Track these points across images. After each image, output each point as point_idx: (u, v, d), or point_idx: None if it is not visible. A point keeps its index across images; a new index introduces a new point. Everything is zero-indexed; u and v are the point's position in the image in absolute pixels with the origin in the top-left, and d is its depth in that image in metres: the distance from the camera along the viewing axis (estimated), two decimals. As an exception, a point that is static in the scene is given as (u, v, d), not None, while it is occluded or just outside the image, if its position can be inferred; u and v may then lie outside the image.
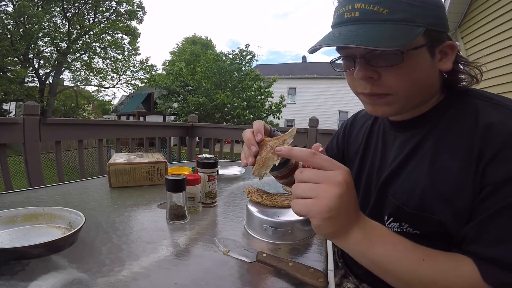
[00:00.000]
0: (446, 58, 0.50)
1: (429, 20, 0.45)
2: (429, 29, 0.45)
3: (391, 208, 0.55)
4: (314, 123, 2.36)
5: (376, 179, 0.62)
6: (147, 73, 16.97)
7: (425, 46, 0.46)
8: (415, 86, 0.48)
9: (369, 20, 0.44)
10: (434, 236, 0.49)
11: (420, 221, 0.51)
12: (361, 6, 0.44)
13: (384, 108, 0.52)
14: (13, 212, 0.58)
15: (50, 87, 15.43)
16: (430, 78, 0.50)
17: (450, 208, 0.46)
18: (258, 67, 18.76)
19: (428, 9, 0.45)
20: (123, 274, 0.44)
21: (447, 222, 0.47)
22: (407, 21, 0.43)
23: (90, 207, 0.74)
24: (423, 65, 0.47)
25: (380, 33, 0.43)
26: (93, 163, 6.83)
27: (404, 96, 0.49)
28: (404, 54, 0.44)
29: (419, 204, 0.50)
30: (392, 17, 0.43)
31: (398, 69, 0.46)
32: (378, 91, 0.49)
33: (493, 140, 0.42)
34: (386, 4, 0.43)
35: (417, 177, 0.51)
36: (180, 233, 0.61)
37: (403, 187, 0.54)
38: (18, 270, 0.43)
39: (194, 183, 0.70)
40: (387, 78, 0.47)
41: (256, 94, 10.60)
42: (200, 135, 3.03)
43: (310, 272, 0.44)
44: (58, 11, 14.36)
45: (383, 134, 0.64)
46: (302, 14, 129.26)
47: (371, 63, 0.47)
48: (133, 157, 1.00)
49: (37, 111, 1.73)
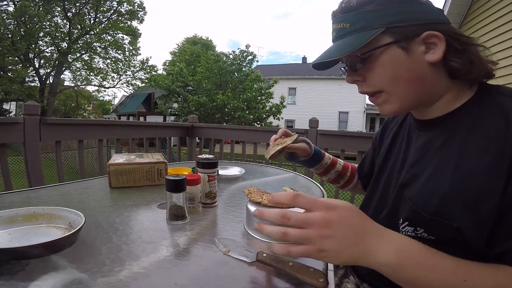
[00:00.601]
0: (434, 49, 0.49)
1: (388, 19, 0.49)
2: (391, 27, 0.49)
3: (408, 212, 0.53)
4: (314, 123, 2.36)
5: (395, 180, 0.61)
6: (147, 73, 16.99)
7: (393, 44, 0.49)
8: (398, 80, 0.51)
9: (340, 36, 0.54)
10: (449, 242, 0.46)
11: (437, 227, 0.48)
12: (335, 27, 0.55)
13: (385, 106, 0.55)
14: (13, 212, 0.58)
15: (50, 87, 15.45)
16: (413, 71, 0.50)
17: (471, 215, 0.44)
18: (258, 67, 18.76)
19: (386, 10, 0.49)
20: (123, 274, 0.44)
21: (466, 229, 0.45)
22: (365, 28, 0.50)
23: (90, 207, 0.74)
24: (396, 61, 0.50)
25: (342, 44, 0.52)
26: (93, 163, 6.84)
27: (394, 91, 0.52)
28: (371, 52, 0.50)
29: (438, 210, 0.48)
30: (353, 28, 0.51)
31: (373, 68, 0.52)
32: (368, 90, 0.55)
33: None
34: (348, 19, 0.52)
35: (438, 181, 0.49)
36: (180, 233, 0.61)
37: (421, 191, 0.52)
38: (18, 270, 0.43)
39: (194, 183, 0.70)
40: (369, 78, 0.54)
41: (256, 95, 10.59)
42: (200, 135, 3.03)
43: (310, 272, 0.44)
44: (59, 11, 14.39)
45: (408, 133, 0.64)
46: (302, 15, 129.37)
47: (353, 68, 0.54)
48: (133, 158, 1.00)
49: (37, 111, 1.73)
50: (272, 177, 1.24)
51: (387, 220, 0.58)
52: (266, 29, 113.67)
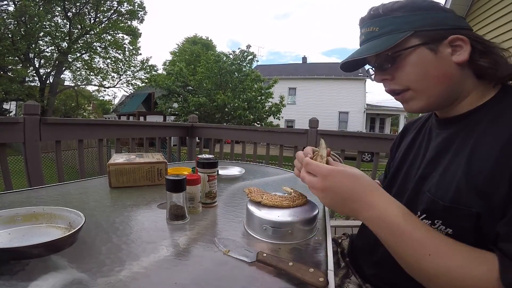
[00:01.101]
0: (460, 51, 0.53)
1: (416, 24, 0.53)
2: (419, 31, 0.53)
3: (425, 203, 0.54)
4: (314, 123, 2.36)
5: (413, 175, 0.63)
6: (147, 73, 16.98)
7: (421, 45, 0.53)
8: (426, 79, 0.54)
9: (369, 39, 0.58)
10: (468, 234, 0.47)
11: (455, 216, 0.49)
12: (364, 31, 0.59)
13: (412, 102, 0.58)
14: (13, 212, 0.58)
15: (50, 86, 15.45)
16: (440, 70, 0.53)
17: (486, 202, 0.45)
18: (259, 67, 18.75)
19: (414, 16, 0.54)
20: (123, 274, 0.44)
21: (485, 216, 0.45)
22: (393, 31, 0.54)
23: (90, 207, 0.74)
24: (425, 60, 0.53)
25: (373, 44, 0.56)
26: (93, 163, 6.84)
27: (422, 89, 0.55)
28: (401, 52, 0.54)
29: (455, 197, 0.49)
30: (382, 31, 0.56)
31: (403, 67, 0.55)
32: (396, 87, 0.58)
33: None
34: (376, 24, 0.57)
35: (455, 170, 0.51)
36: (180, 233, 0.61)
37: (440, 182, 0.53)
38: (18, 270, 0.43)
39: (194, 183, 0.70)
40: (398, 76, 0.57)
41: (256, 95, 10.59)
42: (200, 135, 3.03)
43: (310, 272, 0.44)
44: (59, 10, 14.39)
45: (428, 133, 0.66)
46: (302, 15, 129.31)
47: (382, 68, 0.58)
48: (133, 157, 1.00)
49: (37, 111, 1.72)
50: (272, 177, 1.24)
51: None
52: (266, 29, 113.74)
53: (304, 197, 0.67)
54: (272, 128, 3.24)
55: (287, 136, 2.58)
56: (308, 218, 0.60)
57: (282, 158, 2.50)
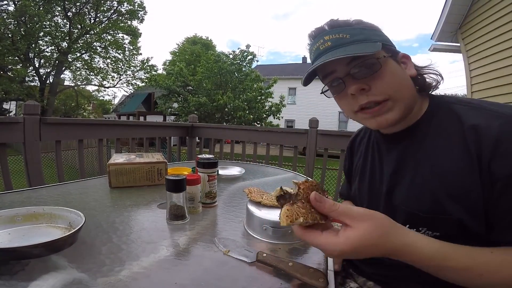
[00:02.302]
0: (407, 66, 0.59)
1: (380, 38, 0.56)
2: (384, 44, 0.56)
3: (404, 216, 0.56)
4: (314, 123, 2.36)
5: (379, 191, 0.65)
6: (147, 73, 16.97)
7: (389, 57, 0.55)
8: (402, 87, 0.56)
9: (340, 45, 0.55)
10: (454, 235, 0.49)
11: (437, 224, 0.52)
12: (330, 38, 0.56)
13: (387, 115, 0.56)
14: (13, 212, 0.58)
15: (50, 86, 15.43)
16: (407, 81, 0.57)
17: (463, 207, 0.49)
18: (258, 67, 18.74)
19: (377, 32, 0.58)
20: (123, 274, 0.44)
21: (466, 220, 0.49)
22: (366, 40, 0.55)
23: (90, 207, 0.74)
24: (397, 70, 0.56)
25: (353, 48, 0.53)
26: (93, 163, 6.83)
27: (399, 98, 0.55)
28: (380, 60, 0.53)
29: (433, 207, 0.52)
30: (354, 39, 0.55)
31: (381, 75, 0.54)
32: (376, 98, 0.55)
33: (485, 139, 0.47)
34: (347, 32, 0.55)
35: (422, 181, 0.54)
36: (180, 233, 0.61)
37: (409, 194, 0.56)
38: (18, 270, 0.43)
39: (194, 183, 0.70)
40: (377, 85, 0.54)
41: (256, 95, 10.58)
42: (200, 135, 3.03)
43: (310, 272, 0.44)
44: (59, 10, 14.37)
45: (378, 148, 0.69)
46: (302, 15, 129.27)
47: (357, 76, 0.55)
48: (133, 157, 1.00)
49: (37, 111, 1.72)
50: (272, 177, 1.24)
51: None
52: (266, 29, 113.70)
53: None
54: (272, 128, 3.23)
55: (287, 136, 2.58)
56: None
57: (282, 158, 2.50)
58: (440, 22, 4.34)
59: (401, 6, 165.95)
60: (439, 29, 4.38)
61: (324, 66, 0.56)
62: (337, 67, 0.56)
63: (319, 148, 2.40)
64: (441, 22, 4.30)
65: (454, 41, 4.47)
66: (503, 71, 3.29)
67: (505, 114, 0.48)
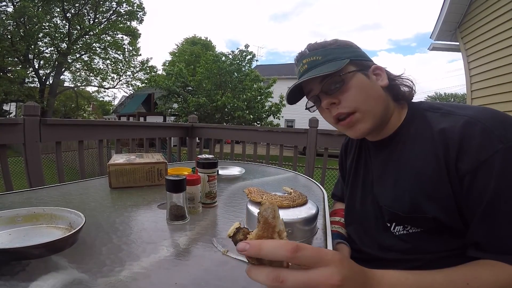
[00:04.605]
0: (380, 77, 0.64)
1: (350, 55, 0.63)
2: (353, 60, 0.62)
3: (390, 216, 0.63)
4: (314, 123, 2.36)
5: (370, 194, 0.71)
6: (147, 73, 16.96)
7: (357, 71, 0.62)
8: (369, 100, 0.61)
9: (314, 66, 0.63)
10: (436, 230, 0.56)
11: (417, 222, 0.58)
12: (307, 61, 0.65)
13: (359, 125, 0.62)
14: (13, 213, 0.58)
15: (50, 87, 15.43)
16: (376, 92, 0.63)
17: (436, 204, 0.54)
18: (258, 67, 18.71)
19: (348, 49, 0.64)
20: (123, 274, 0.44)
21: (441, 217, 0.54)
22: (336, 59, 0.62)
23: (90, 208, 0.74)
24: (364, 83, 0.62)
25: (323, 68, 0.61)
26: (93, 164, 6.83)
27: (367, 110, 0.61)
28: (345, 75, 0.61)
29: (411, 208, 0.57)
30: (325, 59, 0.62)
31: (348, 90, 0.61)
32: (344, 110, 0.61)
33: (451, 141, 0.52)
34: (319, 54, 0.63)
35: (403, 183, 0.60)
36: (180, 233, 0.61)
37: (392, 195, 0.62)
38: (19, 271, 0.44)
39: (194, 183, 0.70)
40: (345, 99, 0.61)
41: (256, 95, 10.58)
42: (200, 135, 3.03)
43: (310, 272, 0.44)
44: (58, 11, 14.37)
45: (368, 153, 0.74)
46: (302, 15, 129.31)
47: (328, 93, 0.62)
48: (133, 158, 1.00)
49: (37, 112, 1.72)
50: (272, 177, 1.24)
51: (378, 227, 0.67)
52: (265, 30, 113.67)
53: (304, 197, 0.67)
54: (272, 128, 3.23)
55: (287, 136, 2.58)
56: (308, 218, 0.60)
57: (282, 158, 2.50)
58: (439, 21, 4.34)
59: (399, 6, 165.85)
60: (438, 28, 4.38)
61: (304, 85, 0.66)
62: (313, 86, 0.65)
63: (319, 147, 2.40)
64: (440, 21, 4.30)
65: (453, 40, 4.47)
66: (503, 69, 3.29)
67: (467, 115, 0.53)
